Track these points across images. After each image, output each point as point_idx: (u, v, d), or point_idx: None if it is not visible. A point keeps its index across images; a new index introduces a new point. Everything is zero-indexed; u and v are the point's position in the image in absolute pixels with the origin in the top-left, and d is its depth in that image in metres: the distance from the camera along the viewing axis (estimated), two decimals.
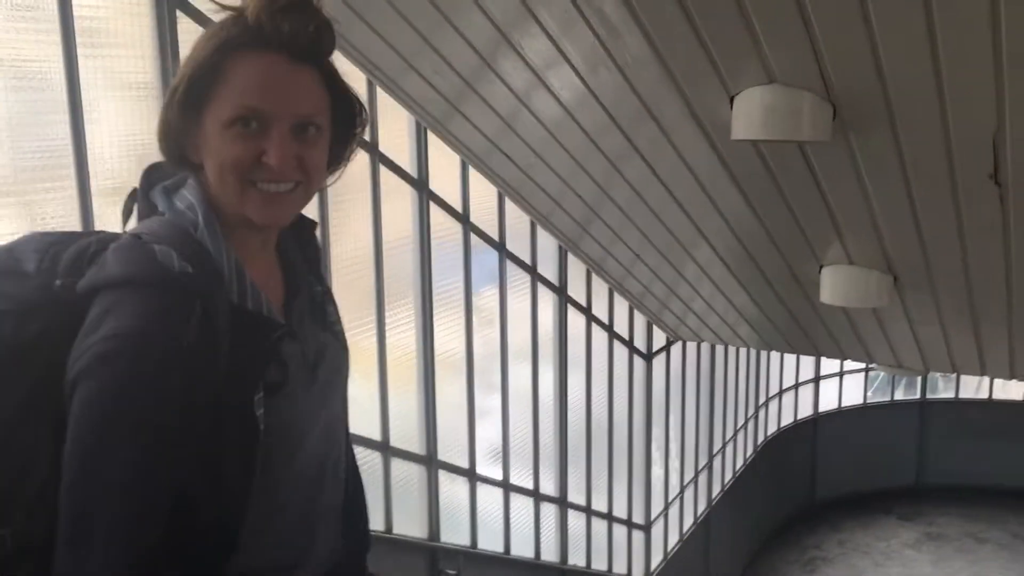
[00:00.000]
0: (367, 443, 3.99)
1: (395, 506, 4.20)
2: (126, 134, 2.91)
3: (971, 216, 3.28)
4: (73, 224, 2.69)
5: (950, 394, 12.57)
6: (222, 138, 1.19)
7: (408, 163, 4.17)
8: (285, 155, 1.18)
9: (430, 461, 4.46)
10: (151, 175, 1.30)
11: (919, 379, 12.36)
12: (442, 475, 4.62)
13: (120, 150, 2.89)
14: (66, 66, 2.61)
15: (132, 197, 1.30)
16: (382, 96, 3.93)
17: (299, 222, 1.38)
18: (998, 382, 12.39)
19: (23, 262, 1.21)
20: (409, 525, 4.38)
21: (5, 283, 1.19)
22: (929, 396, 12.48)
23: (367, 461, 4.03)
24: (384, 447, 4.11)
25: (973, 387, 12.61)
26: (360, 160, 3.98)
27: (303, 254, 1.41)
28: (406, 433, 4.34)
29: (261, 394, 1.21)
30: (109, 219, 2.84)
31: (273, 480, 1.26)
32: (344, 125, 1.29)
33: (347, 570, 1.55)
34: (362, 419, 4.02)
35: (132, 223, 1.31)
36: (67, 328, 1.15)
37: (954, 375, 12.43)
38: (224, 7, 1.19)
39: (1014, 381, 12.22)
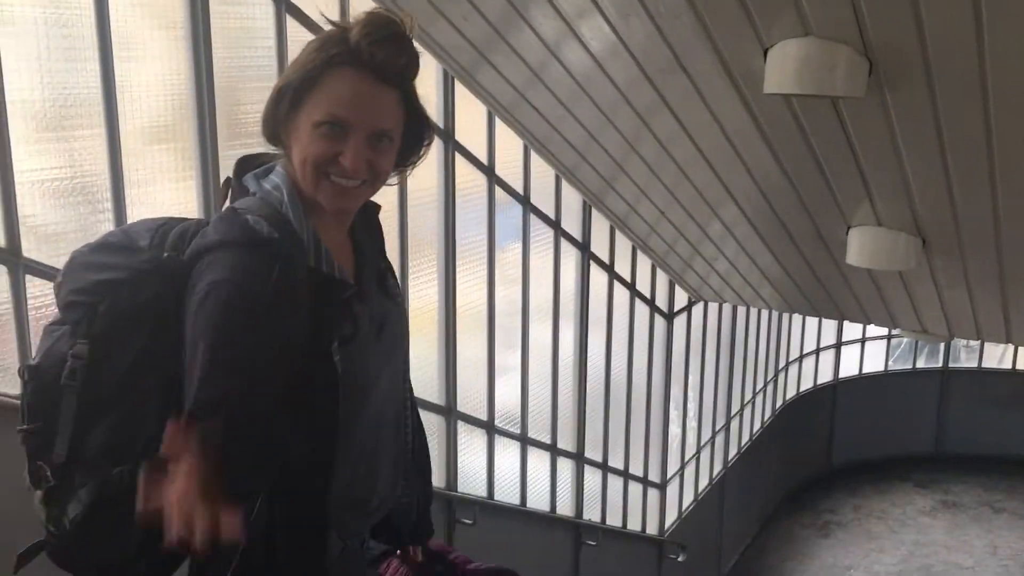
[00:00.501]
0: None
1: None
2: (159, 73, 2.91)
3: (1006, 180, 3.22)
4: (102, 161, 2.69)
5: (972, 363, 12.48)
6: (310, 135, 1.44)
7: (435, 113, 4.13)
8: (358, 159, 1.44)
9: (449, 412, 4.49)
10: (243, 164, 1.57)
11: (941, 348, 12.27)
12: (461, 427, 4.65)
13: (151, 90, 2.89)
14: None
15: (227, 183, 1.56)
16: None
17: (365, 206, 1.62)
18: (1022, 352, 12.28)
19: (137, 239, 1.49)
20: None
21: (121, 256, 1.47)
22: (951, 365, 12.39)
23: None
24: None
25: (996, 357, 12.51)
26: None
27: (369, 234, 1.67)
28: (426, 384, 4.36)
29: (336, 343, 1.46)
30: (141, 157, 2.85)
31: (347, 423, 1.50)
32: (413, 139, 1.56)
33: (413, 521, 1.84)
34: None
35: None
36: (173, 295, 1.43)
37: (977, 345, 12.35)
38: (332, 24, 1.45)
39: None
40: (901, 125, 3.08)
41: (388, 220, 4.00)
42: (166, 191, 3.06)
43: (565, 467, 5.89)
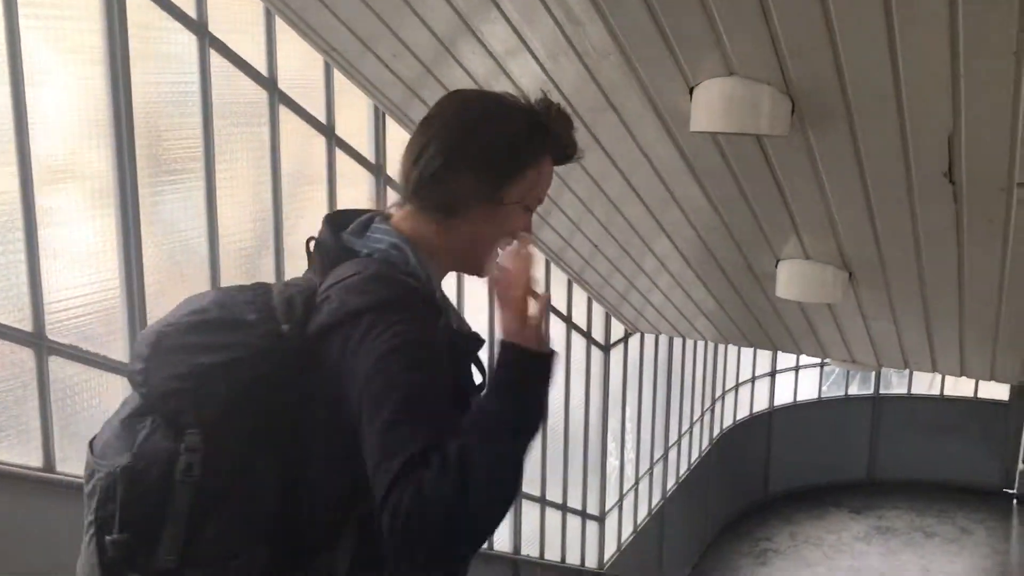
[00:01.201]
0: None
1: None
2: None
3: (925, 214, 3.30)
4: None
5: (903, 390, 12.77)
6: (515, 211, 1.48)
7: (366, 148, 4.10)
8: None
9: None
10: (334, 223, 1.51)
11: (873, 375, 12.54)
12: None
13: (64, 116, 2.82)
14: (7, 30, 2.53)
15: (319, 243, 1.50)
16: (339, 79, 3.86)
17: None
18: (949, 379, 12.61)
19: (240, 313, 1.40)
20: None
21: (231, 335, 1.38)
22: (882, 391, 12.66)
23: None
24: None
25: (926, 383, 12.81)
26: (317, 145, 3.92)
27: None
28: None
29: (472, 395, 1.43)
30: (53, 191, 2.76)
31: None
32: None
33: None
34: None
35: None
36: (292, 368, 1.36)
37: (907, 371, 12.64)
38: (524, 102, 1.49)
39: (964, 378, 12.46)
40: (824, 161, 3.15)
41: None
42: (81, 227, 2.98)
43: None
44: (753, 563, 10.33)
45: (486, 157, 1.46)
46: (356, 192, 4.11)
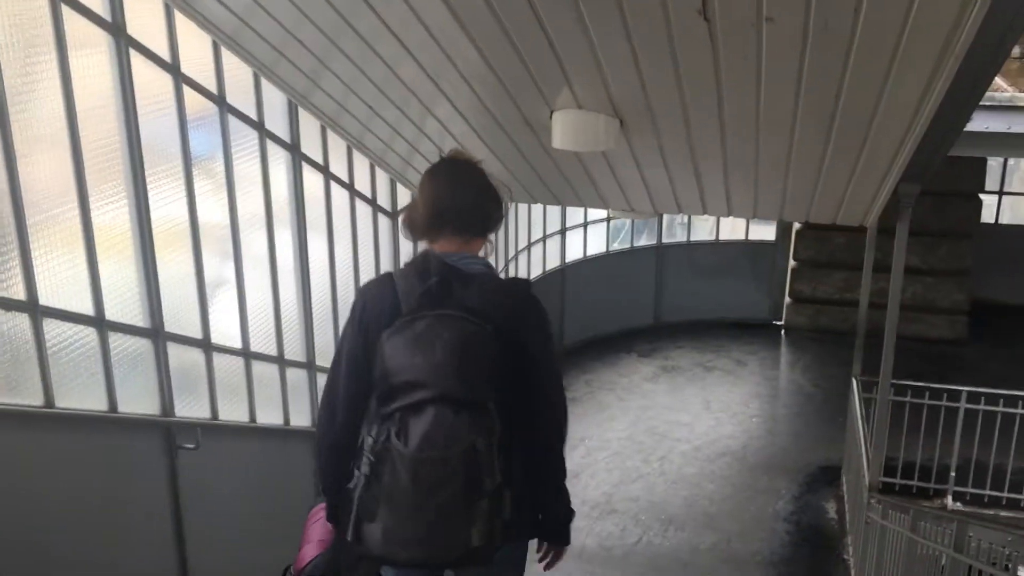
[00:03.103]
0: (77, 319, 3.65)
1: (120, 383, 3.91)
2: None
3: (685, 55, 3.35)
4: None
5: (683, 239, 13.51)
6: None
7: (100, 4, 3.67)
8: None
9: (156, 334, 4.17)
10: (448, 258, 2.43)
11: (656, 227, 13.15)
12: (175, 348, 4.35)
13: None
14: None
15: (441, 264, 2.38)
16: None
17: None
18: (724, 225, 13.44)
19: None
20: (138, 402, 4.11)
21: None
22: (665, 241, 13.34)
23: (79, 339, 3.70)
24: (99, 322, 3.77)
25: (704, 231, 13.61)
26: (39, 3, 3.45)
27: None
28: (126, 308, 4.02)
29: None
30: None
31: None
32: None
33: None
34: (72, 295, 3.67)
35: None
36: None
37: (687, 222, 13.34)
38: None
39: (740, 222, 13.32)
40: (587, 7, 3.10)
41: (57, 134, 3.57)
42: None
43: (297, 378, 5.73)
44: None
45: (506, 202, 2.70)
46: (95, 59, 3.69)
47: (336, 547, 2.43)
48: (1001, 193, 14.01)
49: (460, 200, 2.45)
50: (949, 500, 8.03)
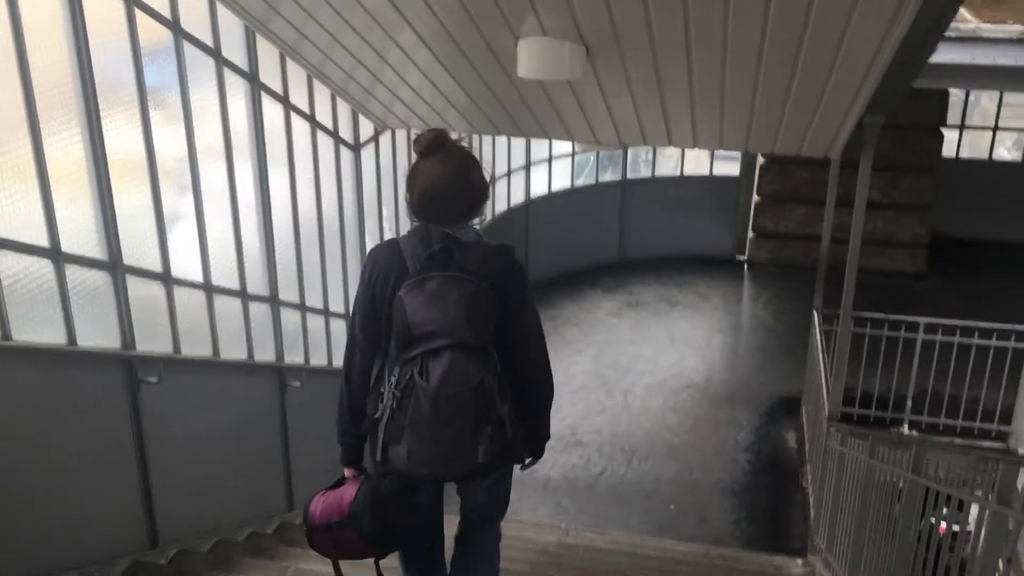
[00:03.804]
0: (31, 250, 3.56)
1: (78, 316, 3.84)
2: None
3: None
4: None
5: (648, 174, 13.49)
6: None
7: None
8: None
9: (115, 267, 4.09)
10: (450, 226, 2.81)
11: (621, 162, 13.10)
12: (135, 281, 4.28)
13: None
14: None
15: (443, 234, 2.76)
16: None
17: None
18: (689, 160, 13.42)
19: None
20: (97, 336, 4.05)
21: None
22: (630, 176, 13.31)
23: (35, 271, 3.62)
24: (55, 254, 3.69)
25: (669, 167, 13.59)
26: None
27: None
28: (83, 240, 3.93)
29: None
30: None
31: None
32: None
33: None
34: (26, 227, 3.58)
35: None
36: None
37: (651, 158, 13.29)
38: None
39: (704, 157, 13.31)
40: None
41: (3, 63, 3.43)
42: None
43: (260, 312, 5.68)
44: None
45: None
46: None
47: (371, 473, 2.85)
48: (962, 127, 14.12)
49: (452, 202, 2.79)
50: (905, 428, 8.22)
